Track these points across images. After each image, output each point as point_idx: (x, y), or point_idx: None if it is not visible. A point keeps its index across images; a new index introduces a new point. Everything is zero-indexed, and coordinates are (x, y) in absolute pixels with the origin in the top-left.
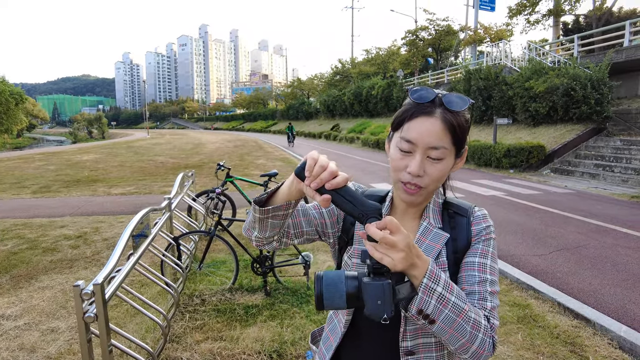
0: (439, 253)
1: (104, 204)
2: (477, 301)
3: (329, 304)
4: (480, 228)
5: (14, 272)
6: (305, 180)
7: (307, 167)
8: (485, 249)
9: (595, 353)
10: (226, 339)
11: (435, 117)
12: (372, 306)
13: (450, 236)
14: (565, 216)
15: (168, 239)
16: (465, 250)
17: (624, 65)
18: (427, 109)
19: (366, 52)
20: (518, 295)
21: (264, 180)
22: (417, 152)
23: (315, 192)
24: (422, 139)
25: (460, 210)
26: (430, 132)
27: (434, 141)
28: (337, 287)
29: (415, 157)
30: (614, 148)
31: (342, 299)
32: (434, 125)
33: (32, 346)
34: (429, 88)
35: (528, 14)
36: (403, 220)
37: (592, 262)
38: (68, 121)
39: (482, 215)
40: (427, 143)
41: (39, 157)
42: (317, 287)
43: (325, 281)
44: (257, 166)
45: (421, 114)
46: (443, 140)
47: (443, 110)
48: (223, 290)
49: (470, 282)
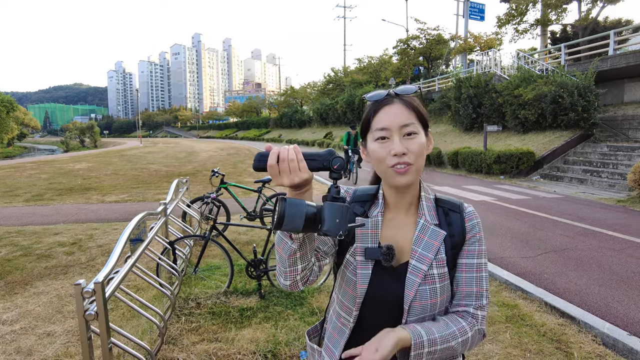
0: (438, 250)
1: (97, 211)
2: (475, 303)
3: (288, 222)
4: (473, 224)
5: (9, 279)
6: (278, 180)
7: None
8: (480, 249)
9: (579, 349)
10: (221, 340)
11: (396, 103)
12: (331, 223)
13: (447, 233)
14: (553, 220)
15: (164, 243)
16: (460, 245)
17: (609, 73)
18: (386, 100)
19: (358, 61)
20: (507, 296)
21: (258, 187)
22: (393, 134)
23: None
24: (393, 121)
25: (453, 206)
26: (397, 114)
27: (404, 119)
28: (299, 208)
29: (394, 139)
30: (601, 154)
31: (301, 219)
32: (398, 108)
33: (29, 349)
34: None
35: (516, 24)
36: (396, 216)
37: (578, 263)
38: (60, 130)
39: (472, 211)
40: (398, 123)
41: (31, 165)
42: (280, 206)
43: (288, 202)
44: (250, 173)
45: (383, 106)
46: (410, 117)
47: (399, 97)
48: (218, 293)
49: (469, 283)
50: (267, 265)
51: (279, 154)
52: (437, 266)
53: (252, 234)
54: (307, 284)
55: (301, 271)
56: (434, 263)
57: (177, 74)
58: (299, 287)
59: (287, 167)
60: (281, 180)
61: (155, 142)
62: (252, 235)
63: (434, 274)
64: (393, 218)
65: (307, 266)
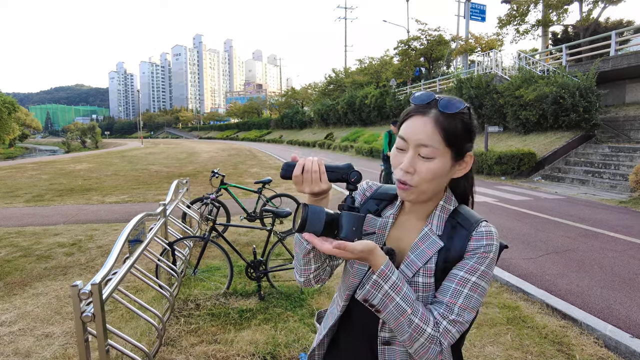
0: (429, 259)
1: (98, 212)
2: (442, 311)
3: (309, 226)
4: (479, 245)
5: (8, 280)
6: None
7: (296, 181)
8: (475, 266)
9: (581, 352)
10: (220, 342)
11: (429, 117)
12: (348, 230)
13: (444, 245)
14: (555, 221)
15: (163, 244)
16: (456, 261)
17: (610, 74)
18: (423, 109)
19: (359, 62)
20: (508, 298)
21: (258, 187)
22: (409, 149)
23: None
24: (412, 136)
25: (465, 222)
26: (420, 130)
27: (424, 139)
28: (319, 215)
29: (408, 154)
30: (603, 155)
31: (321, 224)
32: (425, 124)
33: (27, 351)
34: (431, 92)
35: (517, 25)
36: (410, 219)
37: (579, 265)
38: (61, 131)
39: (486, 232)
40: (416, 140)
41: (32, 166)
42: (304, 212)
43: (310, 209)
44: (251, 174)
45: (416, 114)
46: (433, 139)
47: (437, 111)
48: (217, 295)
49: (443, 291)
50: (267, 266)
51: (304, 165)
52: (423, 275)
53: (252, 234)
54: (320, 282)
55: (314, 270)
56: (421, 271)
57: (178, 75)
58: (312, 285)
59: (309, 177)
60: (303, 188)
61: (156, 142)
62: (252, 236)
63: (418, 282)
64: (407, 220)
65: (320, 266)
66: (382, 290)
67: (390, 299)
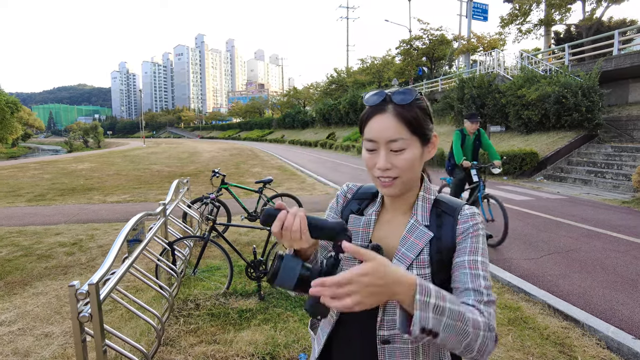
0: (421, 251)
1: (99, 211)
2: (474, 298)
3: (280, 281)
4: (467, 226)
5: (8, 279)
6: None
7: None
8: (474, 246)
9: (583, 353)
10: (220, 342)
11: (388, 113)
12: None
13: (434, 235)
14: (556, 221)
15: (163, 244)
16: (450, 249)
17: (613, 73)
18: (380, 108)
19: (361, 62)
20: (509, 298)
21: (259, 187)
22: (380, 148)
23: None
24: (380, 135)
25: (448, 209)
26: (386, 127)
27: (392, 134)
28: (293, 270)
29: (380, 153)
30: (606, 155)
31: (293, 281)
32: (388, 121)
33: (26, 351)
34: (380, 91)
35: (520, 24)
36: (394, 217)
37: (582, 265)
38: (64, 130)
39: (469, 213)
40: (385, 137)
41: (34, 166)
42: (277, 263)
43: (284, 262)
44: (252, 174)
45: (376, 114)
46: (400, 132)
47: (394, 106)
48: (217, 294)
49: (463, 280)
50: (267, 266)
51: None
52: (417, 267)
53: (253, 234)
54: None
55: None
56: (415, 263)
57: (181, 75)
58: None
59: (289, 235)
60: (283, 242)
61: (158, 142)
62: (252, 235)
63: None
64: (391, 218)
65: None
66: (430, 306)
67: (442, 310)
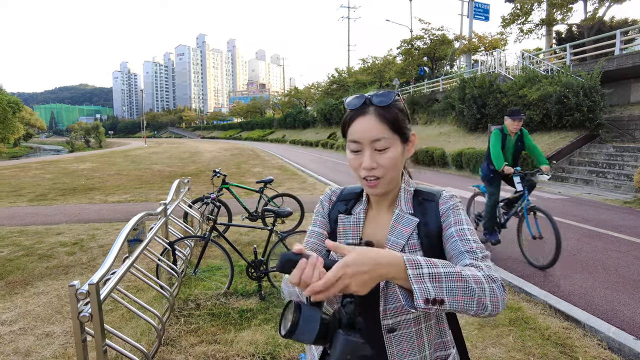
0: (410, 236)
1: (100, 211)
2: (468, 258)
3: (299, 335)
4: (448, 205)
5: (9, 279)
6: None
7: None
8: (458, 218)
9: (585, 353)
10: (220, 342)
11: (370, 114)
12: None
13: (420, 221)
14: (557, 221)
15: (163, 243)
16: (437, 232)
17: (615, 73)
18: (362, 110)
19: (362, 62)
20: (510, 299)
21: (260, 187)
22: (364, 148)
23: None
24: (364, 136)
25: (429, 196)
26: (369, 128)
27: (375, 134)
28: (313, 323)
29: (365, 153)
30: (607, 155)
31: (312, 335)
32: (370, 122)
33: (27, 350)
34: (360, 94)
35: (521, 24)
36: (379, 213)
37: (583, 265)
38: (65, 130)
39: (448, 196)
40: (369, 137)
41: (36, 165)
42: (294, 315)
43: (303, 313)
44: (253, 174)
45: (358, 116)
46: (382, 132)
47: (375, 107)
48: (218, 294)
49: (455, 247)
50: (268, 266)
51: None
52: (408, 251)
53: (253, 234)
54: None
55: None
56: (406, 248)
57: (182, 75)
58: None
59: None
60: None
61: (159, 142)
62: (253, 235)
63: None
64: (377, 215)
65: None
66: (425, 276)
67: (438, 276)
